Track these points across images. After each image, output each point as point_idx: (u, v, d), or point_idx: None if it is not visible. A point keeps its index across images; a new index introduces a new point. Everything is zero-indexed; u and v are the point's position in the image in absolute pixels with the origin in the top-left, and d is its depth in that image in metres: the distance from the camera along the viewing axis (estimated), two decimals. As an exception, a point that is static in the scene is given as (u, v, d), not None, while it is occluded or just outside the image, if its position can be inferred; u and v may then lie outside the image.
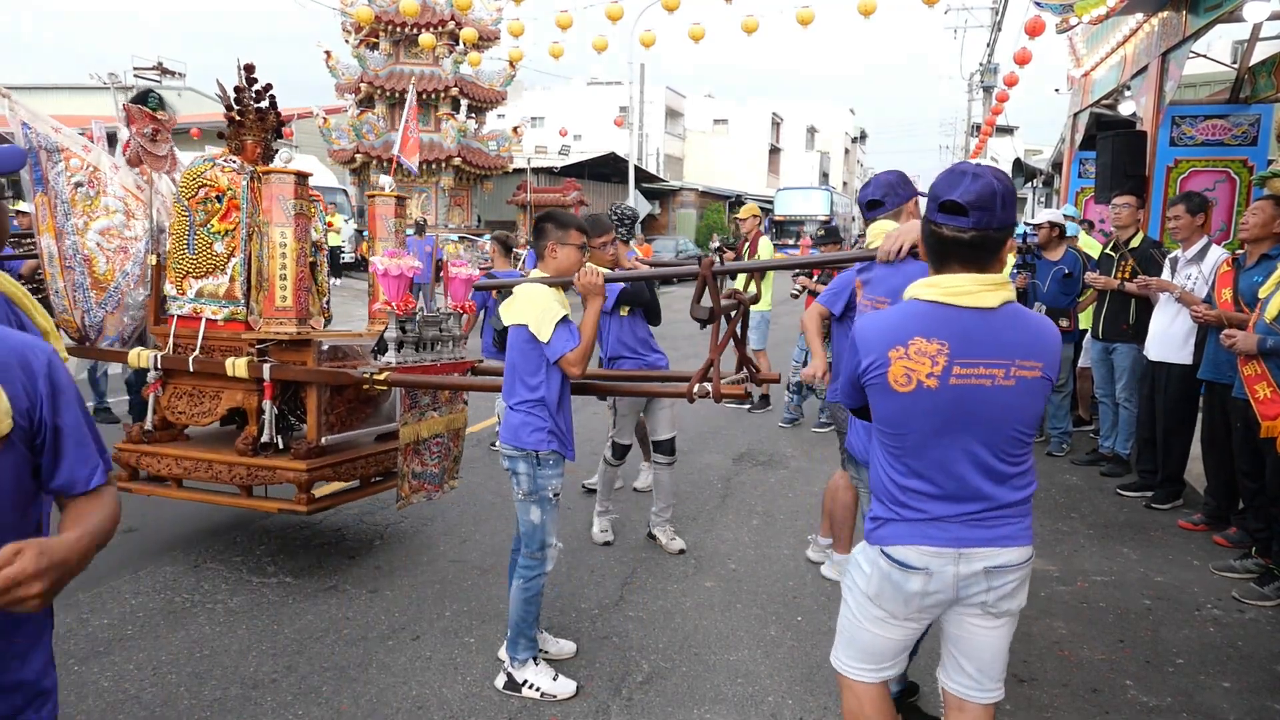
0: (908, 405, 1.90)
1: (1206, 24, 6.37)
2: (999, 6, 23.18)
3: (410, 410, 3.81)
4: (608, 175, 32.68)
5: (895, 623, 2.05)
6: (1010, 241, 1.91)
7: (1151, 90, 7.23)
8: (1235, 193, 7.43)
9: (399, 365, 3.78)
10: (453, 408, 4.08)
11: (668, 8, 10.66)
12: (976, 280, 1.86)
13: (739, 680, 3.20)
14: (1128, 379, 5.76)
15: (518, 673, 3.08)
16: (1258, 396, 3.88)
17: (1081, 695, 3.12)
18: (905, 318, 1.93)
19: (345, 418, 4.13)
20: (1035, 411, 1.92)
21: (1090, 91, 9.70)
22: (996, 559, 1.93)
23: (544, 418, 3.05)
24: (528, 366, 3.07)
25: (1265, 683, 3.24)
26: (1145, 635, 3.61)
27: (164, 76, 29.82)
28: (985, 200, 1.82)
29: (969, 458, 1.90)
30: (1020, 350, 1.86)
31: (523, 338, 3.07)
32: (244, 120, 4.05)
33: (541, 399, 3.05)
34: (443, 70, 20.20)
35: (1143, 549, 4.59)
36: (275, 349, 3.94)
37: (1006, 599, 1.97)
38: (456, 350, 4.08)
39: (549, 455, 3.05)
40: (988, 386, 1.86)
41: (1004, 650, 2.05)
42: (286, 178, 3.84)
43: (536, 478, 3.05)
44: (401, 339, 3.77)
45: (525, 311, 3.03)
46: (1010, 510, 1.94)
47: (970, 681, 2.05)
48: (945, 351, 1.86)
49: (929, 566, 1.94)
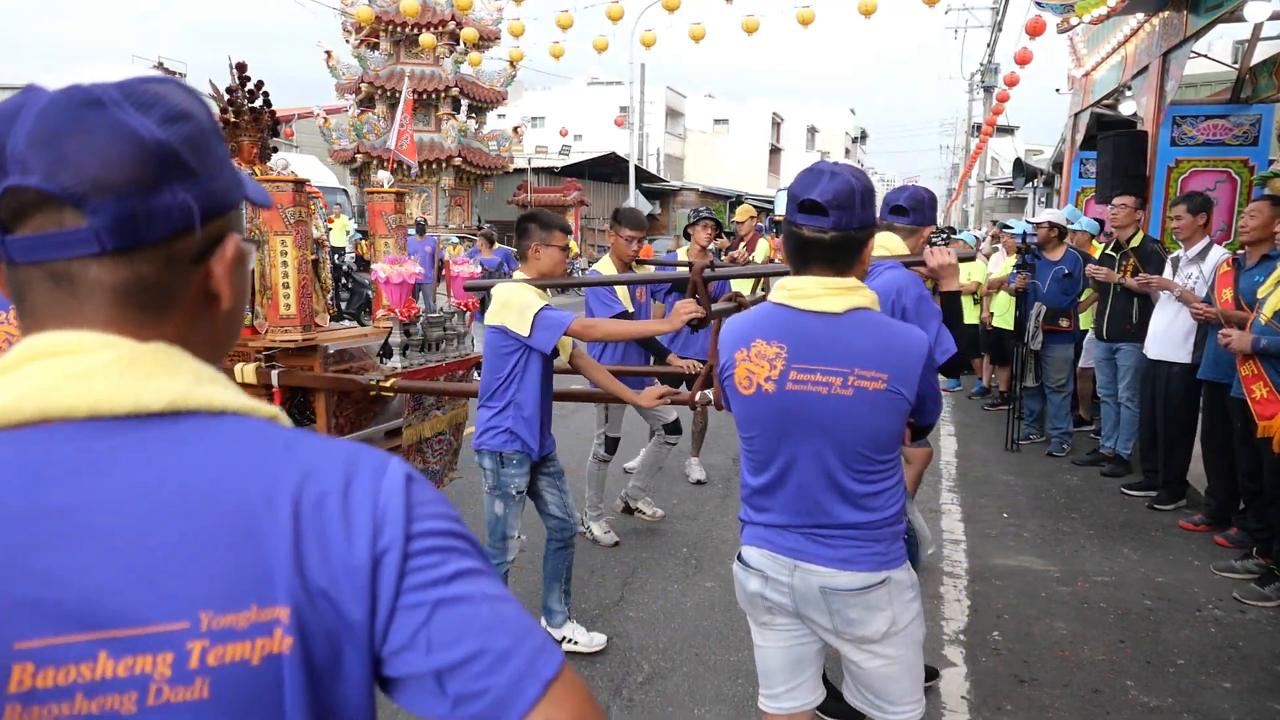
0: (749, 408, 1.86)
1: (1207, 24, 6.36)
2: (999, 6, 23.16)
3: (414, 412, 3.82)
4: (608, 175, 32.68)
5: (759, 629, 2.01)
6: (1008, 242, 1.89)
7: (1152, 90, 7.23)
8: (1236, 193, 7.42)
9: (404, 370, 3.79)
10: (455, 403, 4.10)
11: (668, 8, 10.66)
12: (822, 284, 1.78)
13: (739, 680, 3.20)
14: (1130, 378, 5.75)
15: (555, 633, 3.32)
16: (1254, 396, 3.88)
17: (1082, 695, 3.12)
18: (753, 320, 1.89)
19: (355, 418, 4.13)
20: (880, 429, 1.77)
21: (1091, 91, 9.69)
22: (833, 580, 1.82)
23: (510, 419, 3.10)
24: (497, 368, 3.10)
25: (1266, 683, 3.23)
26: (1146, 636, 3.61)
27: (164, 76, 29.85)
28: (844, 199, 1.73)
29: (818, 467, 1.80)
30: (862, 360, 1.74)
31: (494, 339, 3.09)
32: (238, 121, 4.03)
33: (511, 400, 3.10)
34: (443, 70, 20.20)
35: (1143, 549, 4.58)
36: (282, 354, 3.94)
37: (853, 625, 1.83)
38: (460, 348, 4.09)
39: (512, 455, 3.13)
40: (823, 394, 1.76)
41: (897, 678, 1.90)
42: (285, 185, 3.85)
43: (500, 475, 3.14)
44: (406, 343, 3.78)
45: (501, 313, 3.04)
46: (854, 531, 1.81)
47: (867, 705, 1.98)
48: (784, 355, 1.79)
49: (765, 570, 1.90)
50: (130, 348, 0.68)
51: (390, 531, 0.69)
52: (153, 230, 0.67)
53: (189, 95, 0.71)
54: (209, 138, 0.71)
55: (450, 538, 0.71)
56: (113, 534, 0.63)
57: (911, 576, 1.90)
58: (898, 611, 1.84)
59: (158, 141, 0.66)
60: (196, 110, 0.71)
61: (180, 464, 0.66)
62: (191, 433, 0.68)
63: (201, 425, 0.68)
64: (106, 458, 0.65)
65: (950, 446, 6.84)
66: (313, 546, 0.66)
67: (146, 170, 0.66)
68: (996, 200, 29.57)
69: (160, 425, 0.67)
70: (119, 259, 0.67)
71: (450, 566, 0.70)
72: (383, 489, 0.71)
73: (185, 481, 0.65)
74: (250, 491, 0.66)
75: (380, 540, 0.68)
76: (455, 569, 0.70)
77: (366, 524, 0.69)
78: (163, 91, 0.69)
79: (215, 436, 0.68)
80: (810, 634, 1.95)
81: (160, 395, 0.67)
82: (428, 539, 0.70)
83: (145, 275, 0.69)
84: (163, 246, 0.68)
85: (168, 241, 0.68)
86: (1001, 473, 6.08)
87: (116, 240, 0.66)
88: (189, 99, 0.71)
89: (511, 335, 3.03)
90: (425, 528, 0.70)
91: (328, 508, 0.68)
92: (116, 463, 0.65)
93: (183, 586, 0.62)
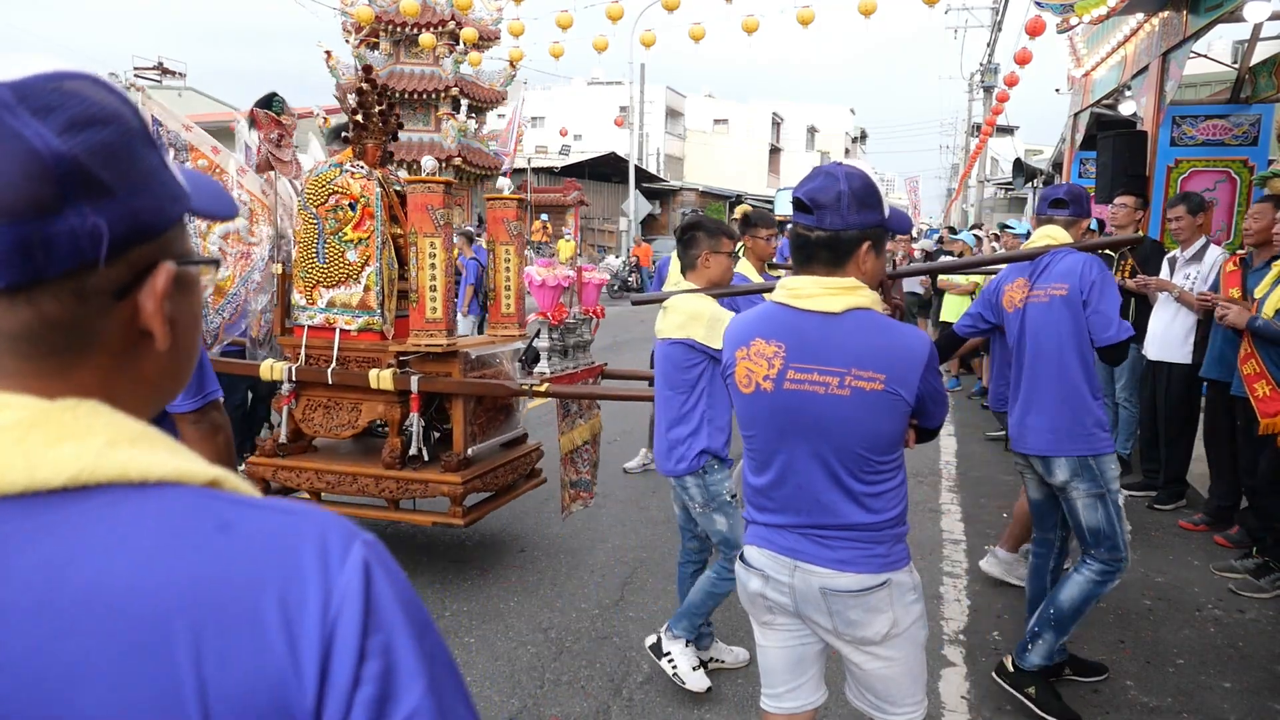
0: (749, 406, 1.87)
1: (1207, 24, 6.36)
2: (999, 6, 23.17)
3: (564, 419, 3.79)
4: (608, 175, 32.67)
5: (760, 629, 2.01)
6: (1010, 242, 1.89)
7: (1152, 90, 7.23)
8: (1236, 193, 7.42)
9: (553, 375, 3.73)
10: (591, 413, 4.06)
11: (668, 7, 10.66)
12: (820, 283, 1.79)
13: (740, 680, 3.20)
14: (1128, 379, 5.76)
15: (668, 642, 3.11)
16: (1257, 395, 3.90)
17: (1082, 695, 3.12)
18: (754, 319, 1.90)
19: (485, 427, 4.09)
20: (878, 430, 1.77)
21: (1091, 91, 9.69)
22: (833, 582, 1.81)
23: (706, 436, 2.92)
24: (682, 385, 2.92)
25: (1266, 683, 3.23)
26: (1146, 635, 3.61)
27: (164, 76, 29.79)
28: (829, 199, 1.74)
29: (819, 464, 1.80)
30: (859, 360, 1.74)
31: (678, 354, 2.91)
32: (368, 123, 3.92)
33: (703, 418, 2.92)
34: (443, 70, 20.20)
35: (1143, 549, 4.58)
36: (419, 360, 3.85)
37: (854, 627, 1.83)
38: (588, 356, 4.07)
39: (711, 463, 2.95)
40: (820, 394, 1.76)
41: (898, 679, 1.90)
42: (436, 187, 3.72)
43: (708, 487, 2.95)
44: (551, 348, 3.75)
45: (689, 325, 2.86)
46: (855, 532, 1.81)
47: (868, 706, 1.98)
48: (781, 354, 1.80)
49: (766, 569, 1.90)
50: (32, 408, 0.56)
51: (341, 649, 0.55)
52: (54, 262, 0.55)
53: (108, 93, 0.60)
54: (133, 145, 0.59)
55: (413, 656, 0.58)
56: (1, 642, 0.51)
57: (914, 578, 1.90)
58: (899, 613, 1.84)
59: (55, 154, 0.55)
60: (115, 113, 0.59)
61: (82, 558, 0.53)
62: (100, 514, 0.55)
63: (115, 503, 0.55)
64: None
65: (950, 446, 6.84)
66: (239, 668, 0.53)
67: (41, 189, 0.54)
68: (996, 200, 29.56)
69: (63, 505, 0.54)
70: (16, 298, 0.56)
71: (406, 701, 0.56)
72: (335, 590, 0.56)
73: (89, 582, 0.53)
74: (166, 593, 0.53)
75: (331, 661, 0.55)
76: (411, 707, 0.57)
77: (313, 639, 0.55)
78: (72, 91, 0.58)
79: (130, 518, 0.55)
80: (812, 634, 1.95)
81: (61, 468, 0.54)
82: (381, 658, 0.56)
83: (51, 315, 0.57)
84: (71, 280, 0.57)
85: (77, 274, 0.57)
86: (1001, 473, 6.08)
87: (10, 275, 0.55)
88: (107, 98, 0.60)
89: (700, 349, 2.85)
90: (381, 642, 0.56)
91: (264, 614, 0.54)
92: (8, 554, 0.53)
93: (78, 717, 0.51)
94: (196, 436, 1.91)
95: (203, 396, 1.89)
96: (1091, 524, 2.91)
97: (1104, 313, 2.83)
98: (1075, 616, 2.94)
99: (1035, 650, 2.95)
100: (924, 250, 12.34)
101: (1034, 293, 2.99)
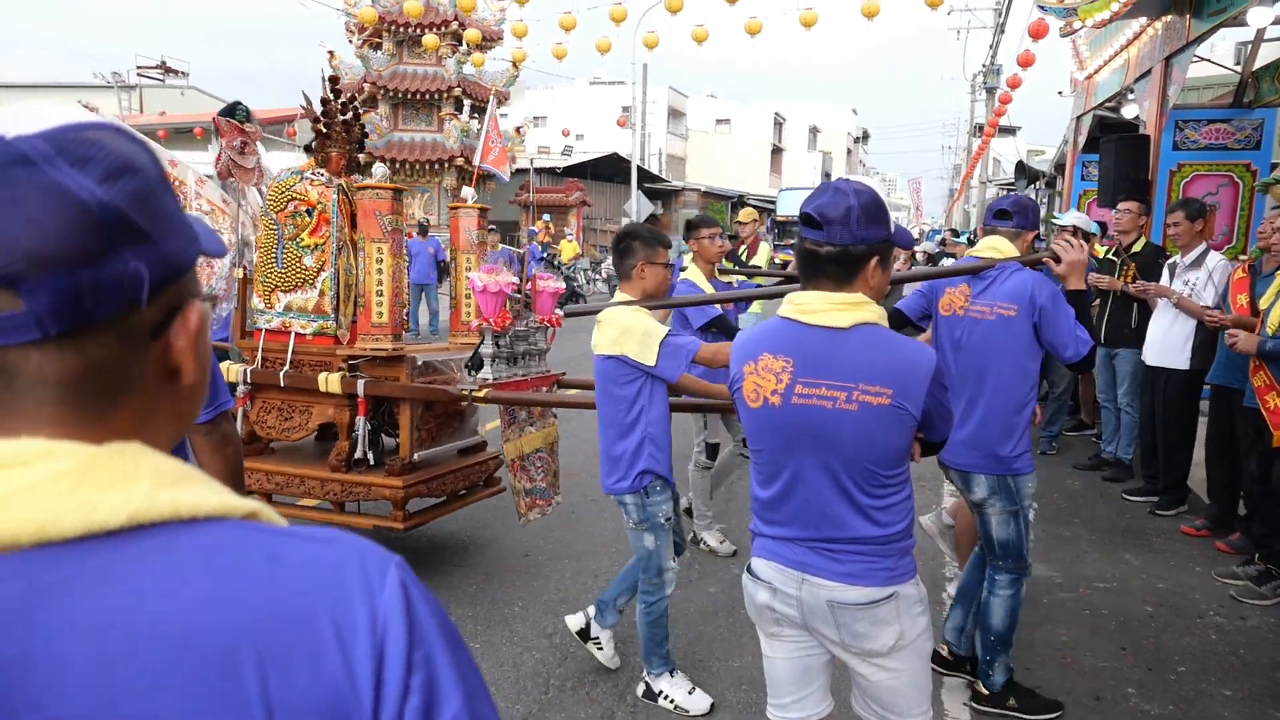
0: (757, 421, 1.89)
1: (1210, 28, 6.37)
2: (1002, 8, 23.17)
3: (510, 427, 3.80)
4: (610, 175, 32.68)
5: (767, 640, 2.03)
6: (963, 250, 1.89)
7: (1155, 94, 7.23)
8: (1238, 197, 7.43)
9: (496, 381, 3.74)
10: (545, 422, 4.06)
11: (671, 9, 10.67)
12: (827, 299, 1.80)
13: (743, 687, 3.21)
14: (1129, 384, 5.77)
15: (654, 683, 3.09)
16: (1269, 407, 3.94)
17: (1083, 703, 3.13)
18: (762, 334, 1.92)
19: (435, 433, 4.10)
20: (885, 444, 1.78)
21: (1093, 94, 9.69)
22: (841, 595, 1.83)
23: (647, 457, 2.88)
24: (619, 401, 2.87)
25: (1267, 690, 3.25)
26: (1147, 642, 3.62)
27: (167, 75, 29.82)
28: (839, 214, 1.76)
29: (827, 478, 1.81)
30: (867, 375, 1.75)
31: (611, 369, 2.85)
32: (330, 132, 3.98)
33: (644, 436, 2.87)
34: (446, 70, 20.22)
35: (1145, 555, 4.60)
36: (368, 365, 3.90)
37: (861, 639, 1.84)
38: (542, 364, 4.06)
39: (654, 484, 2.93)
40: (828, 409, 1.77)
41: (904, 691, 1.92)
42: (384, 193, 3.80)
43: (645, 507, 2.94)
44: (496, 354, 3.76)
45: (621, 341, 2.79)
46: (863, 546, 1.82)
47: (874, 717, 1.99)
48: (790, 369, 1.81)
49: (773, 582, 1.92)
50: (82, 455, 0.58)
51: (391, 663, 0.59)
52: (103, 307, 0.57)
53: (131, 142, 0.62)
54: (158, 191, 0.62)
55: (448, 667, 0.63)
56: (76, 686, 0.53)
57: (920, 591, 1.92)
58: (905, 626, 1.86)
59: (100, 204, 0.57)
60: (141, 160, 0.62)
61: (147, 594, 0.55)
62: (158, 551, 0.57)
63: (169, 540, 0.58)
64: (60, 592, 0.54)
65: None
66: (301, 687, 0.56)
67: (90, 238, 0.56)
68: (998, 201, 29.48)
69: (121, 545, 0.56)
70: (64, 345, 0.58)
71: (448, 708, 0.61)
72: (380, 609, 0.60)
73: (156, 615, 0.55)
74: (229, 624, 0.56)
75: (384, 674, 0.59)
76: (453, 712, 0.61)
77: (365, 656, 0.58)
78: (100, 140, 0.60)
79: (186, 553, 0.58)
80: (818, 645, 1.96)
81: (118, 510, 0.56)
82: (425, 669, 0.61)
83: (97, 360, 0.59)
84: (115, 324, 0.59)
85: (121, 318, 0.59)
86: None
87: (61, 324, 0.56)
88: (131, 146, 0.62)
89: (632, 364, 2.80)
90: (424, 655, 0.61)
91: (320, 636, 0.58)
92: (73, 597, 0.54)
93: None
94: (208, 448, 1.91)
95: (215, 407, 1.89)
96: (1002, 538, 2.94)
97: (1060, 337, 2.80)
98: (1012, 629, 3.02)
99: (995, 672, 3.04)
100: (925, 252, 12.35)
101: (976, 305, 2.94)
